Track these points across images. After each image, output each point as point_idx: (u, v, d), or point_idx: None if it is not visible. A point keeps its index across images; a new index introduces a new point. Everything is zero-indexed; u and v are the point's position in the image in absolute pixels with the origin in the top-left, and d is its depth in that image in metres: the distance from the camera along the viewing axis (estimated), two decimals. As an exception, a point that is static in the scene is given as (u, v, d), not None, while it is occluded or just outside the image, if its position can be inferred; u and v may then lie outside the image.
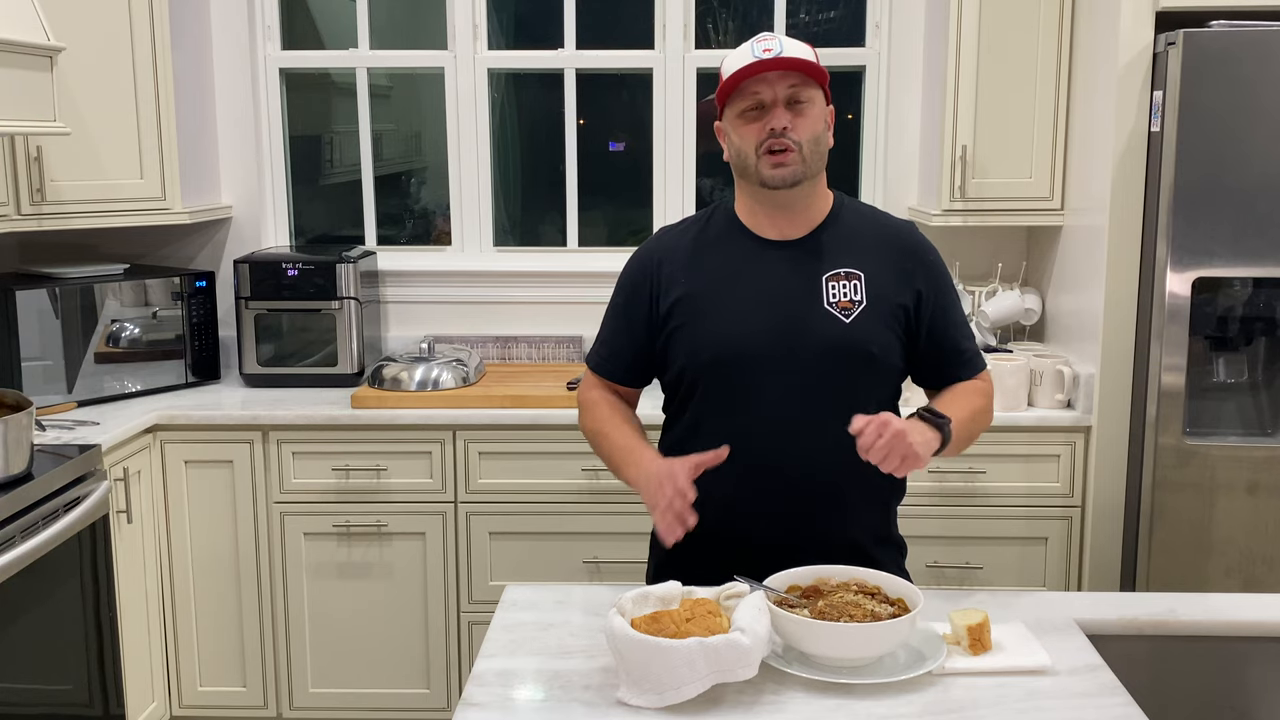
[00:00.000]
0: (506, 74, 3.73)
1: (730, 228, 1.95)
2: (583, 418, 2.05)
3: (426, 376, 3.21)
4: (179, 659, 3.18)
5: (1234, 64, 2.67)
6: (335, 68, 3.73)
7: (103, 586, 2.73)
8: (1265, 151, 2.70)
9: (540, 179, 3.84)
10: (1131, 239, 2.88)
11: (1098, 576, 3.02)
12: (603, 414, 2.00)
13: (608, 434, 1.97)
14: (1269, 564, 2.82)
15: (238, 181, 3.62)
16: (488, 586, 3.14)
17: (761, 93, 1.83)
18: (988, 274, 3.50)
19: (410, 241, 3.83)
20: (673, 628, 1.53)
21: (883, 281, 1.89)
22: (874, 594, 1.69)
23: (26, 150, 2.93)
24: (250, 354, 3.35)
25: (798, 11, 3.63)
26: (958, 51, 3.16)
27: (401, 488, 3.11)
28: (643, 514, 2.20)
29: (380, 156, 3.76)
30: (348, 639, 3.19)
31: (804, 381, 1.85)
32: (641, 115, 3.66)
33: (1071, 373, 3.06)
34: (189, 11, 3.38)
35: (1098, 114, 2.96)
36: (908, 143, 3.57)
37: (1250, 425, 2.90)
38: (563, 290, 3.61)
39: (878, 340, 1.87)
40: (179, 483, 3.11)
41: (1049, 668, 1.63)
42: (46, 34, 2.61)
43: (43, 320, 3.07)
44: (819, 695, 1.55)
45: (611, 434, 1.96)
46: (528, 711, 1.54)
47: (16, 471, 2.43)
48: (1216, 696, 1.80)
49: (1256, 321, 2.83)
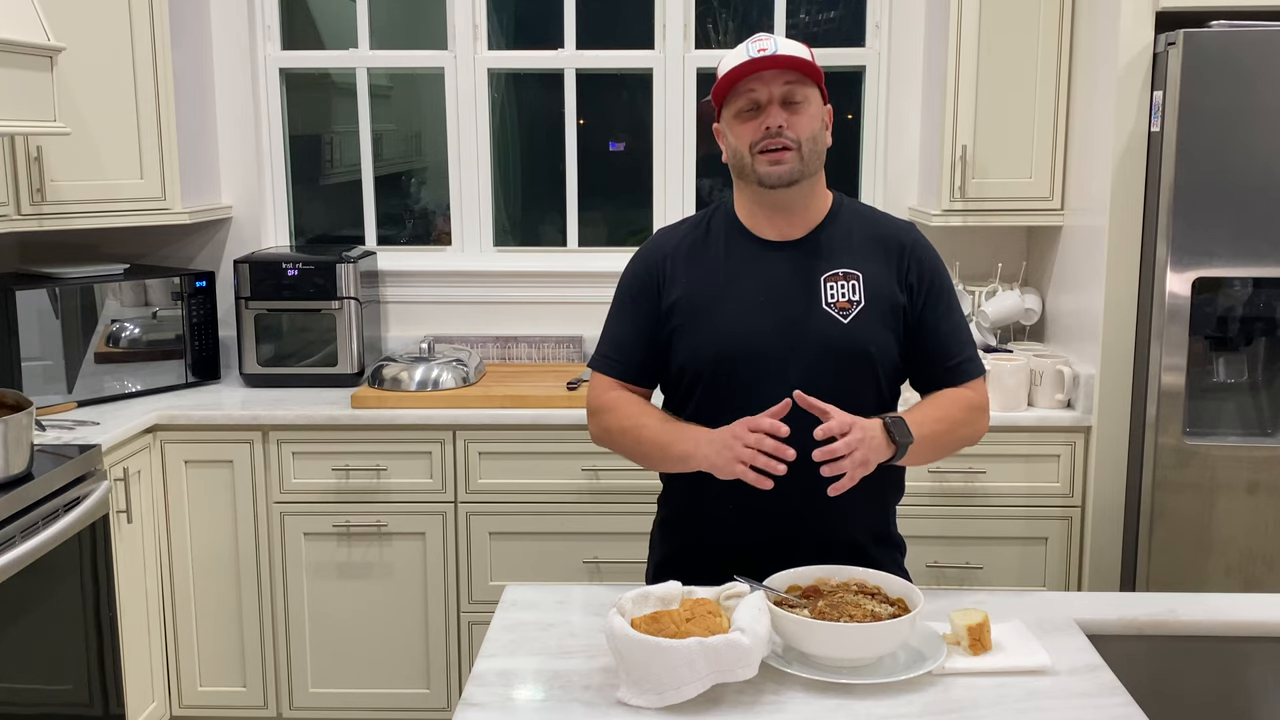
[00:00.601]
0: (506, 74, 3.73)
1: (730, 228, 1.95)
2: (603, 420, 1.97)
3: (426, 376, 3.21)
4: (179, 659, 3.18)
5: (1234, 64, 2.67)
6: (335, 68, 3.73)
7: (103, 586, 2.73)
8: (1265, 151, 2.70)
9: (540, 179, 3.84)
10: (1131, 239, 2.88)
11: (1098, 576, 3.02)
12: (632, 410, 1.94)
13: (645, 424, 1.91)
14: (1269, 564, 2.82)
15: (238, 181, 3.62)
16: (488, 586, 3.14)
17: (757, 92, 1.83)
18: (988, 274, 3.50)
19: (410, 241, 3.84)
20: (673, 628, 1.53)
21: (881, 282, 1.89)
22: (874, 594, 1.69)
23: (26, 150, 2.93)
24: (250, 354, 3.36)
25: (798, 11, 3.63)
26: (958, 51, 3.16)
27: (401, 488, 3.11)
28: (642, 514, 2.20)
29: (380, 156, 3.76)
30: (348, 639, 3.19)
31: (803, 381, 1.85)
32: (641, 115, 3.66)
33: (1071, 373, 3.06)
34: (189, 11, 3.38)
35: (1098, 114, 2.96)
36: (908, 143, 3.57)
37: (1250, 425, 2.90)
38: (563, 290, 3.61)
39: (876, 340, 1.87)
40: (179, 483, 3.11)
41: (1049, 668, 1.62)
42: (46, 34, 2.61)
43: (43, 320, 3.07)
44: (819, 695, 1.55)
45: (650, 423, 1.90)
46: (528, 711, 1.54)
47: (16, 471, 2.43)
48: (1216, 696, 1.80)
49: (1256, 321, 2.83)
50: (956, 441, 1.92)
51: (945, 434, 1.88)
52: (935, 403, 1.91)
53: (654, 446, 1.90)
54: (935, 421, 1.86)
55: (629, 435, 1.93)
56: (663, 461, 1.91)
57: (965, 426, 1.92)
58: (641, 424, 1.91)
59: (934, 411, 1.88)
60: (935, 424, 1.85)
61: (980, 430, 1.95)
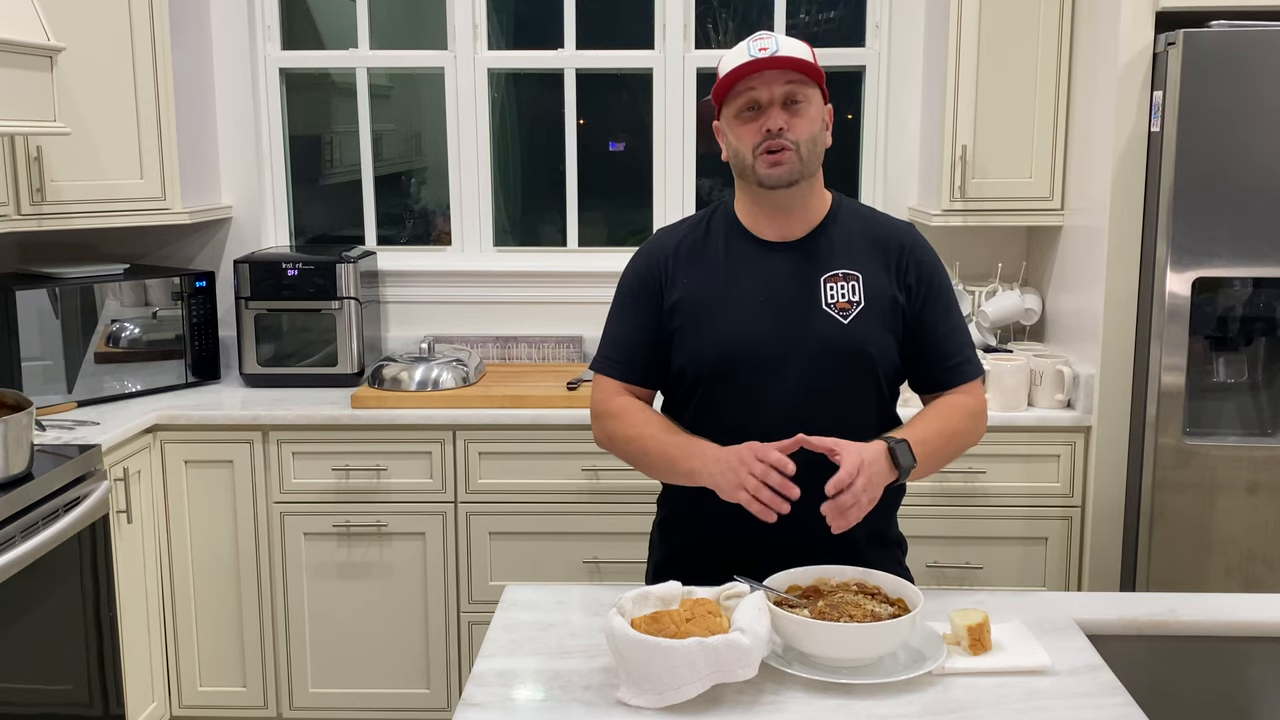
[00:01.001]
0: (506, 74, 3.73)
1: (729, 229, 1.95)
2: (607, 425, 1.97)
3: (426, 376, 3.21)
4: (179, 659, 3.18)
5: (1234, 64, 2.67)
6: (335, 68, 3.73)
7: (103, 586, 2.73)
8: (1265, 151, 2.70)
9: (540, 179, 3.84)
10: (1131, 239, 2.88)
11: (1098, 576, 3.02)
12: (639, 419, 1.93)
13: (652, 435, 1.90)
14: (1269, 564, 2.82)
15: (238, 181, 3.62)
16: (488, 586, 3.14)
17: (758, 92, 1.83)
18: (988, 274, 3.50)
19: (410, 241, 3.84)
20: (673, 628, 1.53)
21: (880, 282, 1.89)
22: (874, 594, 1.69)
23: (26, 150, 2.93)
24: (250, 354, 3.36)
25: (798, 11, 3.63)
26: (958, 51, 3.16)
27: (401, 488, 3.11)
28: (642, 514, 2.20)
29: (380, 156, 3.76)
30: (348, 639, 3.19)
31: (803, 382, 1.85)
32: (641, 115, 3.66)
33: (1071, 373, 3.06)
34: (189, 11, 3.38)
35: (1098, 114, 2.96)
36: (908, 143, 3.57)
37: (1250, 425, 2.90)
38: (563, 290, 3.61)
39: (875, 341, 1.87)
40: (179, 483, 3.11)
41: (1049, 668, 1.62)
42: (46, 34, 2.61)
43: (43, 320, 3.07)
44: (819, 695, 1.55)
45: (657, 434, 1.90)
46: (528, 711, 1.54)
47: (16, 471, 2.43)
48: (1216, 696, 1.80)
49: (1256, 321, 2.83)
50: (957, 451, 1.93)
51: (945, 447, 1.88)
52: (935, 414, 1.91)
53: (660, 459, 1.90)
54: (937, 436, 1.86)
55: (634, 445, 1.93)
56: (667, 474, 1.92)
57: (965, 435, 1.92)
58: (647, 434, 1.91)
59: (934, 424, 1.88)
60: (936, 438, 1.86)
61: (979, 434, 1.96)
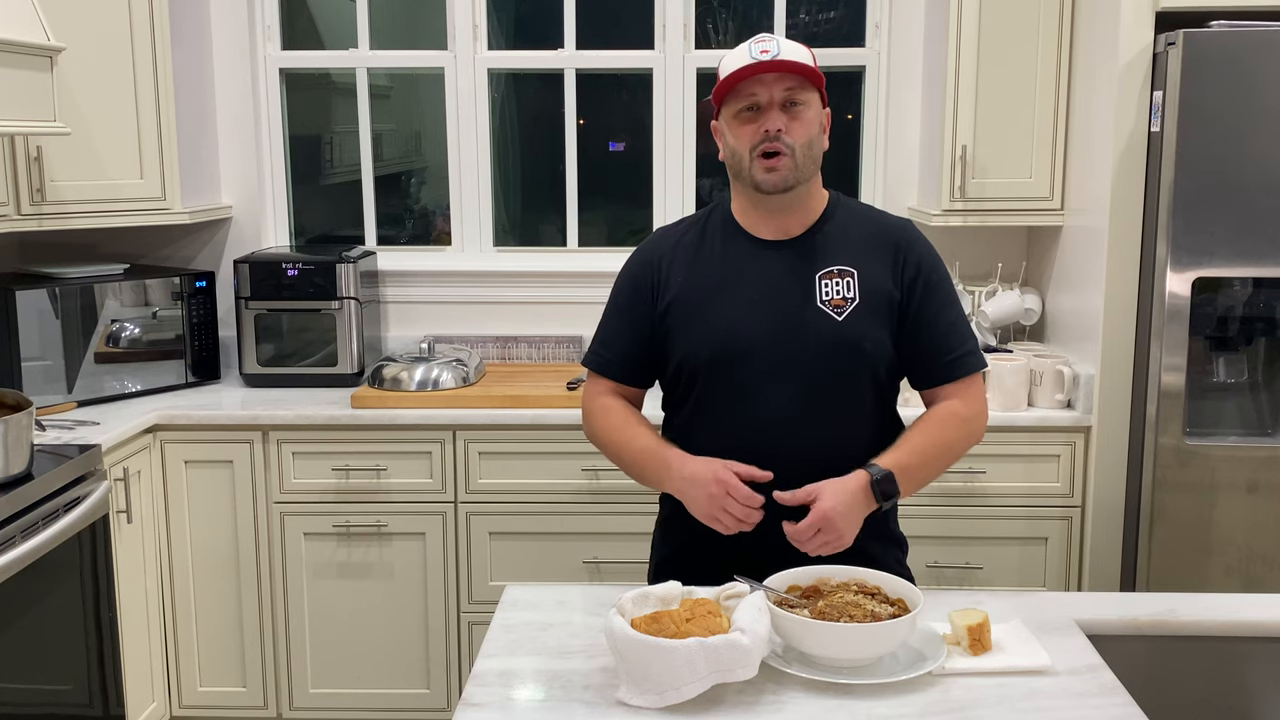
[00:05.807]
0: (506, 74, 3.73)
1: (726, 228, 1.96)
2: (591, 423, 2.03)
3: (426, 376, 3.21)
4: (179, 659, 3.18)
5: (1234, 64, 2.67)
6: (335, 68, 3.73)
7: (103, 586, 2.73)
8: (1265, 151, 2.70)
9: (540, 179, 3.84)
10: (1131, 239, 2.88)
11: (1098, 576, 3.02)
12: (616, 421, 1.98)
13: (628, 440, 1.95)
14: (1269, 564, 2.82)
15: (238, 181, 3.62)
16: (488, 586, 3.14)
17: (758, 94, 1.84)
18: (988, 274, 3.50)
19: (410, 241, 3.84)
20: (673, 628, 1.53)
21: (876, 278, 1.89)
22: (874, 594, 1.69)
23: (26, 150, 2.93)
24: (250, 354, 3.36)
25: (797, 11, 3.63)
26: (958, 51, 3.16)
27: (401, 488, 3.11)
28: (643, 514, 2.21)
29: (380, 156, 3.76)
30: (348, 639, 3.19)
31: (799, 379, 1.85)
32: (641, 115, 3.66)
33: (1071, 373, 3.06)
34: (189, 11, 3.38)
35: (1097, 114, 2.96)
36: (908, 143, 3.56)
37: (1250, 425, 2.90)
38: (563, 290, 3.61)
39: (871, 337, 1.87)
40: (179, 483, 3.11)
41: (1049, 668, 1.63)
42: (46, 34, 2.61)
43: (43, 320, 3.07)
44: (819, 695, 1.55)
45: (632, 440, 1.94)
46: (528, 711, 1.54)
47: (16, 471, 2.43)
48: (1216, 696, 1.80)
49: (1256, 321, 2.83)
50: (950, 462, 1.93)
51: (935, 462, 1.89)
52: (925, 428, 1.89)
53: (632, 465, 1.96)
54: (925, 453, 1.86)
55: (611, 448, 1.99)
56: (641, 480, 1.97)
57: (959, 444, 1.92)
58: (623, 439, 1.96)
59: (924, 440, 1.88)
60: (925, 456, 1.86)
61: (975, 438, 1.95)
